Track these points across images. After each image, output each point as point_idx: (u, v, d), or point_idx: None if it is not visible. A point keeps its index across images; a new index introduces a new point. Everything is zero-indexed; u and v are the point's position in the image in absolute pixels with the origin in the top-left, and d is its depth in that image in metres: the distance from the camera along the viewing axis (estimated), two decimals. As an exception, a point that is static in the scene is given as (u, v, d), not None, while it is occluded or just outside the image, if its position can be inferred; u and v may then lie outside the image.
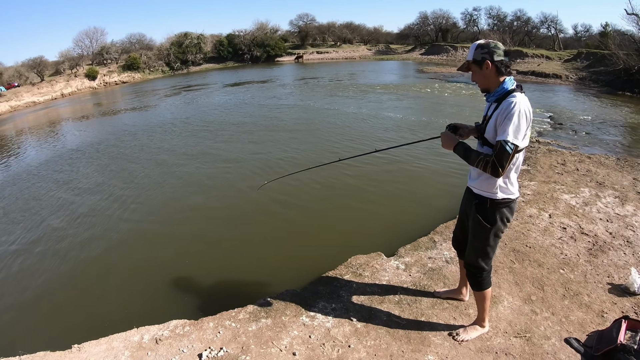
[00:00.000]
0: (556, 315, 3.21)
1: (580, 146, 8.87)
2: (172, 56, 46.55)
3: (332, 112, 14.57)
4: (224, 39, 51.70)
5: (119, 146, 11.85)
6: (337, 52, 53.34)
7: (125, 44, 49.08)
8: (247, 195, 7.19)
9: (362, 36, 60.35)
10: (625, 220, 4.96)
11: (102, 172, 9.31)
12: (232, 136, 11.84)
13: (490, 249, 2.66)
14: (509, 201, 2.52)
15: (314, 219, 6.06)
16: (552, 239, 4.49)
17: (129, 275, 4.99)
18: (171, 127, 13.92)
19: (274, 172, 7.93)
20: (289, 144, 10.30)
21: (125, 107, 21.33)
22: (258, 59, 50.42)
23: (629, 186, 6.16)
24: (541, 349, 2.86)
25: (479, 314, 2.97)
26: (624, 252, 4.21)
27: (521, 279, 3.71)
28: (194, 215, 6.54)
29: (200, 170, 8.77)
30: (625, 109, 14.38)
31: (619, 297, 3.46)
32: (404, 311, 3.33)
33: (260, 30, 52.98)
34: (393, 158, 8.59)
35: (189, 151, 10.42)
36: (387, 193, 6.84)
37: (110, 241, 5.92)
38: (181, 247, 5.52)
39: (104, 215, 6.80)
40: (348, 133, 11.17)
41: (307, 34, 57.04)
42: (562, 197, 5.67)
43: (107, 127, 15.82)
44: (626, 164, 7.44)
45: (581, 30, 43.34)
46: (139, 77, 42.63)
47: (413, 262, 4.13)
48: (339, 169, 7.97)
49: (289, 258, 4.93)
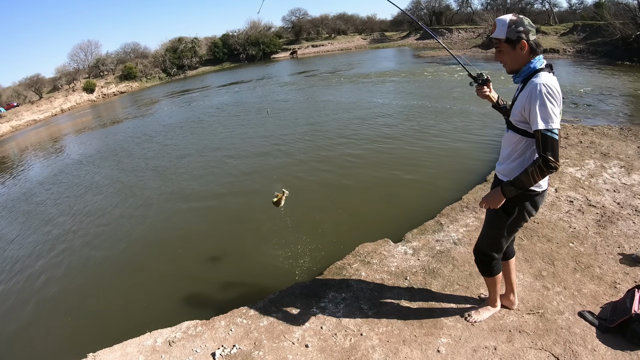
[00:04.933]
0: (568, 290, 3.18)
1: (583, 118, 8.77)
2: (167, 62, 46.70)
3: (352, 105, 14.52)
4: (219, 41, 51.70)
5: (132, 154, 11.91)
6: (332, 44, 53.04)
7: (120, 54, 49.32)
8: (250, 191, 7.22)
9: (356, 26, 59.99)
10: (633, 190, 4.90)
11: (111, 184, 9.35)
12: (234, 131, 11.87)
13: (504, 240, 2.52)
14: (534, 194, 2.33)
15: (317, 210, 6.03)
16: (560, 213, 4.45)
17: (138, 281, 5.02)
18: (185, 129, 14.00)
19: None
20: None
21: (126, 117, 21.38)
22: (254, 58, 50.41)
23: (634, 155, 6.09)
24: (555, 324, 2.84)
25: (490, 295, 2.93)
26: (633, 222, 4.16)
27: (531, 255, 3.68)
28: (199, 213, 6.57)
29: (209, 166, 8.80)
30: (625, 79, 14.21)
31: (631, 267, 3.42)
32: (414, 296, 3.31)
33: (254, 28, 52.82)
34: (392, 142, 8.64)
35: (185, 152, 10.44)
36: (389, 177, 6.83)
37: (115, 247, 5.97)
38: (188, 248, 5.55)
39: (111, 220, 6.85)
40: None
41: (300, 28, 56.75)
42: (567, 171, 5.61)
43: (112, 137, 15.89)
44: (630, 133, 7.36)
45: (576, 2, 42.70)
46: (136, 86, 42.79)
47: (421, 246, 4.11)
48: (338, 160, 8.05)
49: (295, 251, 4.91)
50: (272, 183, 7.18)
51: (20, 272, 5.87)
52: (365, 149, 8.54)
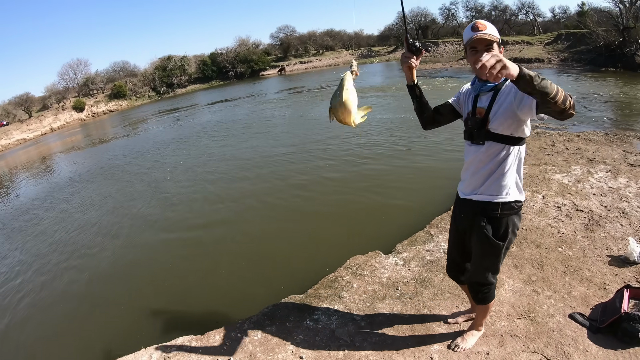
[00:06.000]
0: (558, 293, 3.22)
1: (568, 126, 8.93)
2: (157, 81, 46.70)
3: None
4: (207, 59, 51.80)
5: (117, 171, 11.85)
6: (320, 60, 53.22)
7: (109, 73, 49.21)
8: (239, 206, 7.24)
9: (344, 42, 60.46)
10: (619, 193, 5.00)
11: (94, 204, 9.29)
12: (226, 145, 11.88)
13: (500, 263, 2.37)
14: (520, 205, 2.23)
15: (307, 224, 6.07)
16: (548, 219, 4.52)
17: (131, 297, 4.99)
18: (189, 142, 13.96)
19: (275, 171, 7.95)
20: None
21: (114, 136, 21.32)
22: (242, 75, 50.43)
23: (620, 159, 6.22)
24: (546, 327, 2.87)
25: (477, 320, 2.81)
26: (620, 224, 4.24)
27: (520, 262, 3.72)
28: (188, 229, 6.56)
29: (204, 180, 8.80)
30: (609, 85, 14.52)
31: (620, 267, 3.49)
32: (406, 305, 3.34)
33: (242, 46, 53.06)
34: (378, 155, 8.72)
35: (176, 168, 10.43)
36: (377, 190, 6.86)
37: (104, 265, 5.92)
38: (180, 263, 5.54)
39: (100, 238, 6.81)
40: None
41: (289, 45, 56.97)
42: (554, 177, 5.71)
43: (99, 157, 15.81)
44: (615, 137, 7.51)
45: (559, 12, 43.57)
46: (126, 105, 42.73)
47: (411, 256, 4.14)
48: (324, 171, 8.13)
49: (287, 265, 4.93)
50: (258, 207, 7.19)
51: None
52: (353, 164, 8.56)
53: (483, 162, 2.17)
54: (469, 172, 2.27)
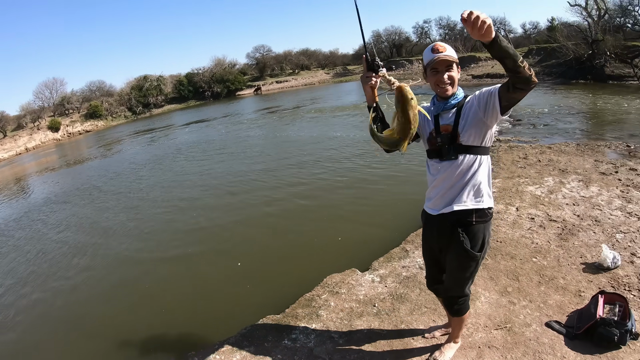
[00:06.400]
0: (534, 302, 3.25)
1: (540, 138, 9.17)
2: (133, 100, 46.19)
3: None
4: (184, 79, 51.52)
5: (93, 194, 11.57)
6: (296, 80, 53.51)
7: (85, 93, 48.54)
8: (213, 225, 7.20)
9: (319, 61, 61.15)
10: (592, 201, 5.12)
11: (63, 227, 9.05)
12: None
13: (475, 273, 2.41)
14: (492, 212, 2.30)
15: (283, 244, 6.03)
16: (522, 230, 4.58)
17: (107, 321, 4.85)
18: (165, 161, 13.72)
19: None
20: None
21: (89, 157, 20.92)
22: (219, 95, 50.22)
23: (591, 168, 6.39)
24: (523, 336, 2.88)
25: (454, 332, 2.80)
26: (593, 232, 4.34)
27: (495, 273, 3.75)
28: (164, 251, 6.42)
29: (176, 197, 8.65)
30: (580, 96, 15.02)
31: (594, 274, 3.55)
32: (383, 321, 3.31)
33: (219, 66, 53.03)
34: (352, 174, 8.75)
35: (144, 194, 10.27)
36: (351, 209, 6.88)
37: (81, 288, 5.75)
38: (156, 286, 5.43)
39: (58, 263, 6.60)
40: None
41: (265, 64, 57.20)
42: (527, 189, 5.81)
43: (71, 179, 15.45)
44: (586, 147, 7.73)
45: (529, 27, 45.28)
46: (102, 125, 42.12)
47: (388, 273, 4.13)
48: (295, 191, 8.14)
49: (264, 286, 4.89)
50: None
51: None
52: (328, 184, 8.54)
53: (459, 176, 2.21)
54: (442, 189, 2.27)
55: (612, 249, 3.81)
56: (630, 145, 7.78)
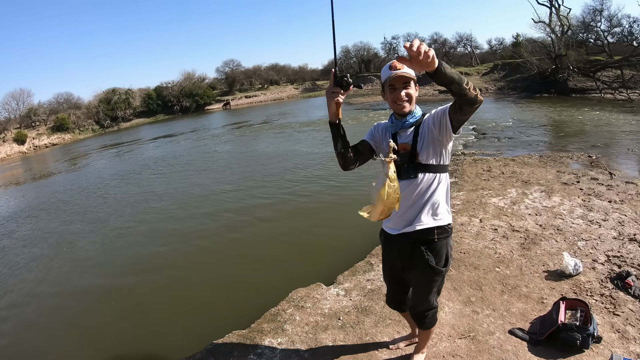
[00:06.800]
0: (497, 311, 3.30)
1: (504, 151, 9.42)
2: (101, 114, 45.11)
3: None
4: (152, 92, 50.62)
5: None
6: (265, 95, 53.45)
7: (52, 104, 46.91)
8: (177, 240, 7.07)
9: (288, 76, 61.46)
10: (554, 211, 5.27)
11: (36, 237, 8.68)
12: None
13: (442, 286, 2.46)
14: (452, 228, 2.33)
15: (248, 260, 5.96)
16: (485, 241, 4.66)
17: (70, 342, 4.64)
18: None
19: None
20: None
21: (59, 170, 20.23)
22: (188, 110, 49.55)
23: (554, 179, 6.59)
24: (487, 344, 2.92)
25: (421, 343, 2.79)
26: (555, 240, 4.46)
27: (459, 284, 3.79)
28: (126, 268, 6.25)
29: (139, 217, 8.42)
30: (543, 110, 15.58)
31: (557, 281, 3.65)
32: (348, 334, 3.29)
33: (188, 80, 52.53)
34: (316, 190, 8.73)
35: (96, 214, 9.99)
36: (316, 225, 6.89)
37: (40, 310, 5.47)
38: (118, 304, 5.25)
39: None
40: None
41: (234, 79, 56.93)
42: (491, 201, 5.93)
43: (35, 193, 14.86)
44: (549, 159, 7.99)
45: (495, 43, 46.65)
46: (69, 138, 40.93)
47: (352, 286, 4.11)
48: (260, 208, 8.07)
49: (229, 301, 4.83)
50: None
51: None
52: (292, 197, 8.53)
53: (419, 194, 2.20)
54: (402, 208, 2.18)
55: (574, 257, 3.92)
56: (591, 156, 8.10)
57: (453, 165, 8.36)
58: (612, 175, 6.66)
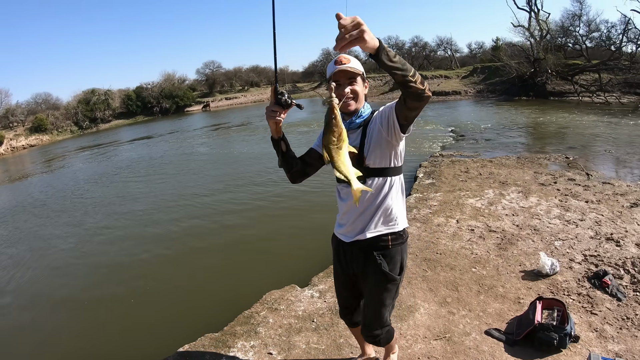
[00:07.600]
0: (473, 312, 3.28)
1: (482, 152, 9.49)
2: (80, 115, 44.16)
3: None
4: (132, 93, 49.60)
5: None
6: (245, 97, 52.92)
7: (31, 105, 45.63)
8: (154, 244, 6.94)
9: (269, 78, 60.88)
10: (530, 211, 5.30)
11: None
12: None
13: (395, 299, 2.26)
14: (407, 234, 2.18)
15: (222, 262, 5.89)
16: (462, 242, 4.64)
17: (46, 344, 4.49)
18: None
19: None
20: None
21: (36, 172, 19.70)
22: (167, 111, 48.66)
23: (531, 180, 6.64)
24: (463, 345, 2.89)
25: (387, 353, 2.63)
26: (532, 240, 4.48)
27: (435, 285, 3.76)
28: (100, 272, 6.08)
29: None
30: (521, 112, 15.80)
31: (533, 281, 3.65)
32: (322, 337, 3.23)
33: (168, 81, 51.68)
34: (288, 193, 8.64)
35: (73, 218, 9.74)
36: (291, 226, 6.84)
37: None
38: (90, 309, 5.08)
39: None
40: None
41: (214, 81, 56.34)
42: (468, 202, 5.94)
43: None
44: (526, 160, 8.06)
45: (475, 47, 47.13)
46: (47, 139, 39.94)
47: (327, 288, 4.05)
48: (235, 211, 7.99)
49: (202, 304, 4.74)
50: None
51: None
52: (267, 200, 8.44)
53: (369, 200, 2.04)
54: (354, 214, 2.10)
55: (551, 256, 3.93)
56: (569, 157, 8.22)
57: (431, 166, 8.38)
58: (589, 176, 6.76)
